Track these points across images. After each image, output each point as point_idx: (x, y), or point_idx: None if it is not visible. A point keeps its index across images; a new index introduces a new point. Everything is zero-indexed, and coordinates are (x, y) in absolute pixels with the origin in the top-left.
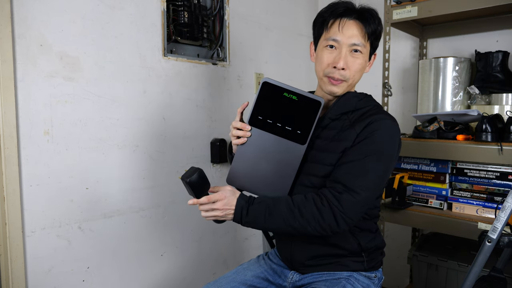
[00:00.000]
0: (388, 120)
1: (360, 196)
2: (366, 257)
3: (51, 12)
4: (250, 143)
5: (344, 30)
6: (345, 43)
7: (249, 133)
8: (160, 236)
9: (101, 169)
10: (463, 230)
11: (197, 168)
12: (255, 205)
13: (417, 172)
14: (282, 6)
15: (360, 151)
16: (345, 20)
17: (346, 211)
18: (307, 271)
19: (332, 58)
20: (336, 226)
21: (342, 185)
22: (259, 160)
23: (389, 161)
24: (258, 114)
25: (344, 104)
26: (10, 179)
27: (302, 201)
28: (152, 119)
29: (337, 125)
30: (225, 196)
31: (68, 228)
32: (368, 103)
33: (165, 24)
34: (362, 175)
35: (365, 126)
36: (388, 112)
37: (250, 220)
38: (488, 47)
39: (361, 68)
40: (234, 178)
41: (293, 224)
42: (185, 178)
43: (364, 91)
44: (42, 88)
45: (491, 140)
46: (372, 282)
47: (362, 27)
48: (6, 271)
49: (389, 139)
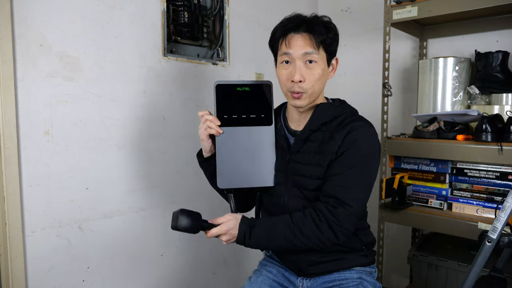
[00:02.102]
0: (365, 127)
1: (353, 208)
2: (367, 251)
3: (51, 12)
4: (225, 143)
5: (292, 43)
6: (297, 55)
7: (221, 130)
8: (160, 236)
9: (101, 169)
10: (463, 230)
11: (177, 211)
12: (257, 228)
13: (417, 172)
14: (282, 6)
15: (344, 163)
16: (292, 35)
17: (342, 223)
18: (315, 270)
19: (289, 73)
20: (335, 238)
21: (335, 199)
22: (239, 154)
23: (372, 166)
24: (223, 114)
25: (322, 114)
26: (10, 179)
27: (301, 218)
28: (152, 119)
29: (318, 137)
30: (228, 230)
31: (68, 228)
32: (344, 109)
33: (165, 24)
34: (351, 187)
35: (344, 137)
36: (388, 112)
37: (253, 243)
38: (488, 47)
39: (319, 77)
40: (224, 180)
41: (294, 242)
42: (175, 226)
43: (364, 91)
44: (42, 88)
45: (491, 140)
46: (372, 276)
47: (310, 38)
48: (6, 271)
49: (369, 146)
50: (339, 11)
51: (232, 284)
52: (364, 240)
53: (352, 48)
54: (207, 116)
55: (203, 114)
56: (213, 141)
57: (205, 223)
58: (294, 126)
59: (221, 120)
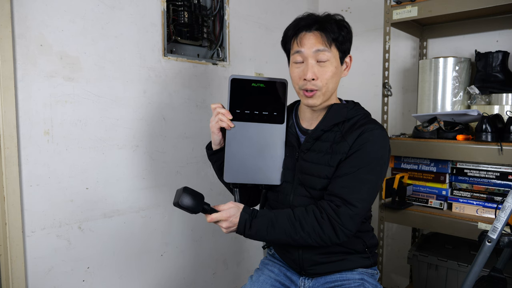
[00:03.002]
0: (377, 130)
1: (357, 208)
2: (369, 254)
3: (51, 12)
4: (235, 137)
5: (304, 42)
6: (309, 54)
7: (232, 124)
8: (160, 236)
9: (101, 169)
10: (463, 230)
11: (181, 188)
12: (258, 218)
13: (417, 172)
14: (282, 6)
15: (353, 163)
16: (304, 33)
17: (345, 223)
18: (317, 270)
19: (301, 71)
20: (336, 238)
21: (340, 198)
22: (248, 150)
23: (380, 170)
24: (235, 108)
25: (335, 115)
26: (10, 179)
27: (303, 214)
28: (152, 119)
29: (330, 137)
30: (229, 216)
31: (68, 228)
32: (357, 111)
33: (165, 24)
34: (357, 188)
35: (356, 138)
36: (388, 112)
37: (253, 233)
38: (488, 47)
39: (332, 75)
40: (231, 175)
41: (294, 236)
42: (176, 203)
43: (364, 91)
44: (42, 88)
45: (491, 140)
46: (374, 278)
47: (322, 36)
48: (6, 271)
49: (379, 149)
50: (339, 11)
51: (232, 284)
52: (367, 242)
53: (352, 48)
54: (219, 109)
55: (215, 107)
56: (223, 134)
57: (206, 206)
58: (305, 125)
59: (233, 114)
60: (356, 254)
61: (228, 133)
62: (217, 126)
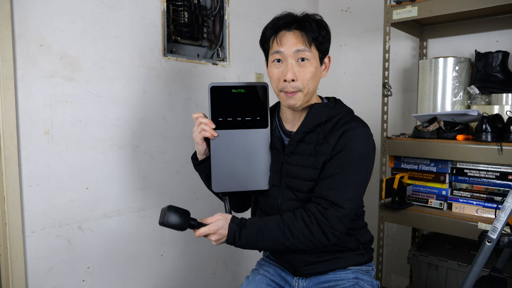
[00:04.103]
0: (360, 129)
1: (345, 210)
2: (363, 250)
3: (51, 12)
4: (220, 146)
5: (284, 41)
6: (289, 53)
7: (215, 133)
8: (160, 236)
9: (101, 169)
10: (463, 230)
11: (166, 207)
12: (247, 228)
13: (417, 172)
14: (282, 6)
15: (337, 164)
16: (284, 32)
17: (334, 226)
18: (310, 270)
19: (280, 72)
20: (326, 241)
21: (327, 200)
22: (234, 158)
23: (366, 168)
24: (217, 117)
25: (316, 115)
26: (10, 179)
27: (292, 219)
28: (152, 119)
29: (313, 139)
30: (217, 229)
31: (68, 228)
32: (339, 110)
33: (165, 24)
34: (344, 189)
35: (339, 138)
36: (388, 112)
37: (243, 243)
38: (488, 47)
39: (312, 75)
40: (218, 184)
41: (284, 242)
42: (162, 222)
43: (364, 91)
44: (42, 88)
45: (491, 140)
46: (369, 275)
47: (302, 35)
48: (6, 271)
49: (363, 147)
50: (339, 11)
51: (232, 284)
52: (360, 239)
53: (352, 48)
54: (201, 119)
55: (197, 117)
56: (207, 143)
57: (193, 221)
58: (289, 127)
59: (215, 123)
60: (349, 252)
61: (212, 142)
62: (201, 136)
